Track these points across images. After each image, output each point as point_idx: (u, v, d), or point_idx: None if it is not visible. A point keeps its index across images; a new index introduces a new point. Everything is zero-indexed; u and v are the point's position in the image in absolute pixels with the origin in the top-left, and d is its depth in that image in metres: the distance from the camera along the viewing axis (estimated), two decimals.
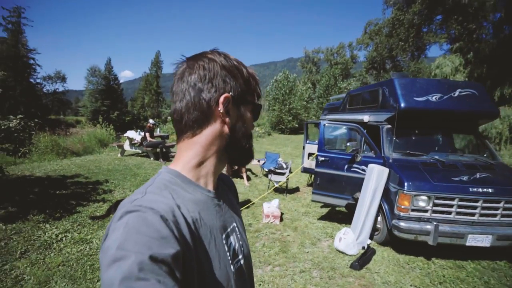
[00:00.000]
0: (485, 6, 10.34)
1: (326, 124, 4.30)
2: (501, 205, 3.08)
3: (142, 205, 0.45)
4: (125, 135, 9.38)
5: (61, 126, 13.99)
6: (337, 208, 4.78)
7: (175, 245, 0.42)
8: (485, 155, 3.93)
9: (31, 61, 28.65)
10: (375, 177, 3.49)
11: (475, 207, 3.09)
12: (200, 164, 0.58)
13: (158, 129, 12.87)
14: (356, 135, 4.52)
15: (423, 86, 3.96)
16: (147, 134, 8.38)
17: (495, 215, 3.11)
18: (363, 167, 3.87)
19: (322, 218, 4.50)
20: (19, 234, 3.21)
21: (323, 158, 4.12)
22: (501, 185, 3.17)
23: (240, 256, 0.62)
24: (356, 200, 3.73)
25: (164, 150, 8.67)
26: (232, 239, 0.61)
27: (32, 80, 29.54)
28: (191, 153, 0.57)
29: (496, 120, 10.51)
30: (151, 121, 8.84)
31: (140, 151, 9.13)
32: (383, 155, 3.82)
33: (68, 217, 3.78)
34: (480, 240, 3.02)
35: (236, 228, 0.65)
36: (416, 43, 25.20)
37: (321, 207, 4.99)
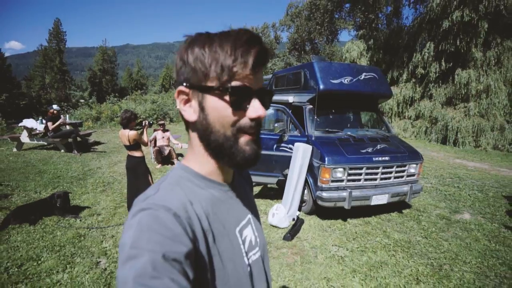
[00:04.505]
0: None
1: None
2: (393, 169, 3.83)
3: (155, 203, 0.45)
4: (20, 124, 7.63)
5: None
6: (268, 185, 5.11)
7: (187, 242, 0.43)
8: (382, 129, 4.75)
9: None
10: (301, 154, 3.84)
11: (377, 173, 3.76)
12: (204, 158, 0.56)
13: (67, 116, 10.98)
14: (282, 116, 4.81)
15: (337, 69, 4.43)
16: (49, 124, 7.06)
17: (389, 178, 3.86)
18: (290, 145, 4.18)
19: (256, 196, 4.76)
20: None
21: None
22: (394, 153, 3.92)
23: (256, 249, 0.64)
24: (286, 176, 4.05)
25: (78, 139, 7.51)
26: (247, 231, 0.62)
27: None
28: (195, 148, 0.56)
29: None
30: (54, 106, 7.42)
31: (45, 143, 7.66)
32: (306, 133, 4.20)
33: None
34: (380, 199, 3.73)
35: (251, 220, 0.65)
36: (330, 27, 27.71)
37: (254, 185, 5.25)
